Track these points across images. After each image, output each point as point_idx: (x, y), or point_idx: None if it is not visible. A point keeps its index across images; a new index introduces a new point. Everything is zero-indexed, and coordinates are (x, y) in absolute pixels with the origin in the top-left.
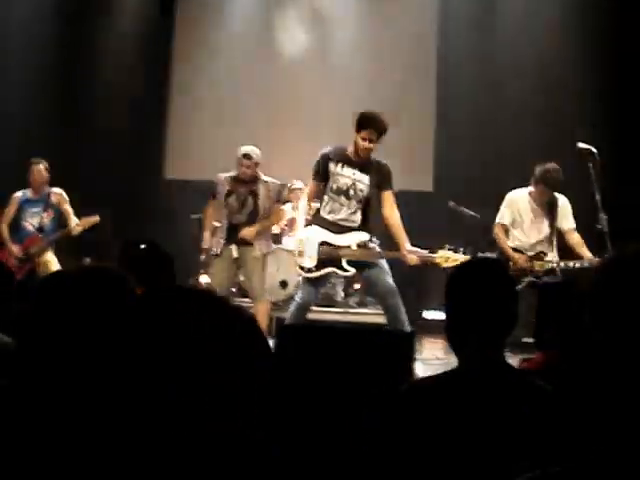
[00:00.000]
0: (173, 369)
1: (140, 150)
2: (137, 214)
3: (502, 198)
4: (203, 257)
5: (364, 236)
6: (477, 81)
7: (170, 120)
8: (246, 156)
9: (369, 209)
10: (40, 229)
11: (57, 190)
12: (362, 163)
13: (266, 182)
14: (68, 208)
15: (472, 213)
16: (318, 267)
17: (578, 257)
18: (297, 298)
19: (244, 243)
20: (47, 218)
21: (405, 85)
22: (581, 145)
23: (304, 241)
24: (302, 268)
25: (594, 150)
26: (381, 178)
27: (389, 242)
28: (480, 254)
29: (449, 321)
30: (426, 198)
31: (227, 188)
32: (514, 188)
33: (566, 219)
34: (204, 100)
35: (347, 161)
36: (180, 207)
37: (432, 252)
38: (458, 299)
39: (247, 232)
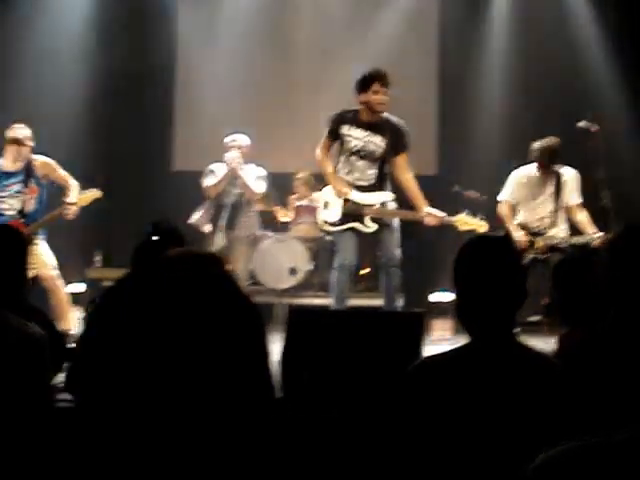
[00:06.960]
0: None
1: (147, 143)
2: (146, 207)
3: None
4: None
5: (388, 196)
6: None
7: (176, 111)
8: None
9: (385, 169)
10: (21, 212)
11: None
12: (374, 123)
13: (251, 166)
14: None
15: (478, 195)
16: (342, 222)
17: (582, 233)
18: (337, 260)
19: (231, 227)
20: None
21: (406, 66)
22: (581, 124)
23: (329, 195)
24: (326, 222)
25: (594, 129)
26: (396, 139)
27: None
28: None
29: (458, 300)
30: (430, 182)
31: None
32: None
33: (571, 194)
34: (210, 91)
35: (358, 123)
36: (189, 198)
37: (450, 215)
38: (466, 277)
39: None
